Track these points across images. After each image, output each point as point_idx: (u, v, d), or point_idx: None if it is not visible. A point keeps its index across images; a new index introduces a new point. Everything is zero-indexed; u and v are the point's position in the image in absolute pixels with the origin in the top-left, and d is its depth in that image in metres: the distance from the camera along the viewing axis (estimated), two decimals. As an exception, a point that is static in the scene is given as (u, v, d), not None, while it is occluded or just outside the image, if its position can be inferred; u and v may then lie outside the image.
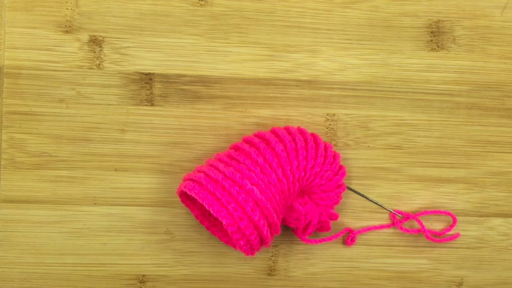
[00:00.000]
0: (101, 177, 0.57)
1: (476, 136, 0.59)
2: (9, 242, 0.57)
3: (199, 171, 0.53)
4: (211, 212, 0.51)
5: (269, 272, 0.58)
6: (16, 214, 0.56)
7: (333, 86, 0.58)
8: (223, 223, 0.51)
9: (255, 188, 0.51)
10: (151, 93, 0.57)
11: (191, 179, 0.53)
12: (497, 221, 0.60)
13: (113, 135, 0.57)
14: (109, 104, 0.57)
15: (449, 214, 0.59)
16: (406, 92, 0.59)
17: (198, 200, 0.51)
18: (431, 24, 0.59)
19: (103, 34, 0.57)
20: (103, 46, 0.57)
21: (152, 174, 0.57)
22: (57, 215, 0.57)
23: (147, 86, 0.57)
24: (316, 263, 0.59)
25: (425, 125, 0.59)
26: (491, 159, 0.60)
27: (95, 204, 0.57)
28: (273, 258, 0.58)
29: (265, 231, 0.52)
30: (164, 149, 0.57)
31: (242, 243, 0.52)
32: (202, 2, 0.57)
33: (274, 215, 0.52)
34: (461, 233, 0.59)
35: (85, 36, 0.57)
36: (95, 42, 0.57)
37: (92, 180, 0.57)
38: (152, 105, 0.57)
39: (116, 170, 0.57)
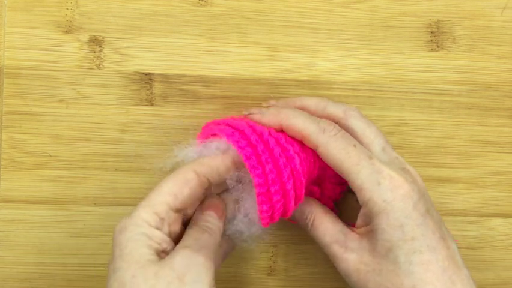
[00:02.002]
0: (101, 177, 0.57)
1: (476, 136, 0.59)
2: (9, 242, 0.57)
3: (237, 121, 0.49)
4: (247, 165, 0.46)
5: (269, 272, 0.58)
6: (16, 214, 0.56)
7: (333, 86, 0.58)
8: (254, 181, 0.47)
9: (296, 156, 0.48)
10: (151, 93, 0.57)
11: (229, 125, 0.48)
12: (497, 221, 0.60)
13: (113, 135, 0.57)
14: (109, 104, 0.57)
15: None
16: (406, 92, 0.59)
17: (236, 148, 0.46)
18: (431, 24, 0.59)
19: (103, 34, 0.57)
20: (103, 46, 0.57)
21: (152, 174, 0.57)
22: (57, 215, 0.57)
23: (147, 86, 0.57)
24: (316, 263, 0.59)
25: (425, 125, 0.59)
26: (491, 159, 0.60)
27: (95, 204, 0.57)
28: (273, 258, 0.58)
29: (292, 203, 0.49)
30: (164, 149, 0.57)
31: (265, 207, 0.48)
32: (202, 2, 0.57)
33: (303, 190, 0.49)
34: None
35: (85, 36, 0.57)
36: (95, 42, 0.57)
37: (92, 180, 0.57)
38: (152, 105, 0.57)
39: (116, 170, 0.57)
